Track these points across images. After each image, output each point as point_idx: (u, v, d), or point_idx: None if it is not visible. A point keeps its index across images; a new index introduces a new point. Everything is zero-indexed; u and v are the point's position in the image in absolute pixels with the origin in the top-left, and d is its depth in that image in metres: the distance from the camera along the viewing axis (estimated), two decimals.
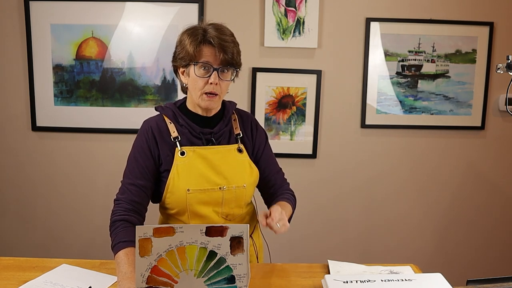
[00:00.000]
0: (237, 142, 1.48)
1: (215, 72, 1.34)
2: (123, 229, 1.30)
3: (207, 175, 1.40)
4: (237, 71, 1.40)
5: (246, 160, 1.47)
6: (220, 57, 1.33)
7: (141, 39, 2.44)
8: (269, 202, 1.59)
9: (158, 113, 1.48)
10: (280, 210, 1.34)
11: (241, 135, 1.49)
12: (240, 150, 1.47)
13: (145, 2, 2.41)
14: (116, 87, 2.48)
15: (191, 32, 1.37)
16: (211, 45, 1.33)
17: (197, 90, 1.36)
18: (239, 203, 1.46)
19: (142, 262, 1.03)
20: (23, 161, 2.55)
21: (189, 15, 2.41)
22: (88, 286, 1.25)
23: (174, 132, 1.41)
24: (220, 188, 1.41)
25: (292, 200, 1.56)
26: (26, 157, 2.55)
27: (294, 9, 2.43)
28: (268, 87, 2.49)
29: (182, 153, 1.40)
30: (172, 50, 1.43)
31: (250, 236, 1.57)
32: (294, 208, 1.55)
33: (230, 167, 1.43)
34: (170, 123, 1.43)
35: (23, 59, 2.46)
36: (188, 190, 1.38)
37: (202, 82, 1.35)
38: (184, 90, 1.48)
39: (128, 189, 1.37)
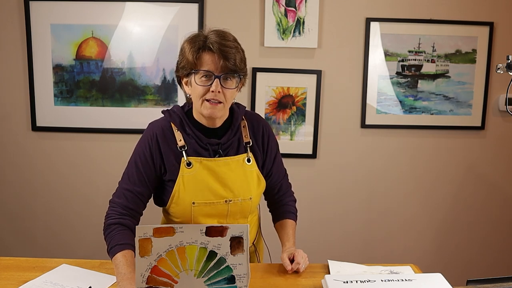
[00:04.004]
0: (246, 151, 1.43)
1: (216, 80, 1.27)
2: (118, 232, 1.29)
3: (213, 188, 1.36)
4: (241, 78, 1.34)
5: (255, 170, 1.43)
6: (221, 64, 1.27)
7: (141, 39, 2.44)
8: (272, 205, 1.60)
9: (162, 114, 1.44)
10: (302, 254, 1.37)
11: (251, 144, 1.44)
12: (248, 160, 1.42)
13: (145, 2, 2.41)
14: (116, 87, 2.48)
15: (191, 39, 1.32)
16: (211, 51, 1.28)
17: (199, 98, 1.30)
18: (245, 214, 1.44)
19: (142, 262, 1.03)
20: (23, 161, 2.55)
21: (189, 15, 2.41)
22: (88, 286, 1.25)
23: (180, 141, 1.36)
24: (226, 201, 1.38)
25: (295, 212, 1.57)
26: (26, 157, 2.55)
27: (294, 9, 2.43)
28: (268, 87, 2.49)
29: (189, 164, 1.35)
30: (172, 50, 1.42)
31: (253, 244, 1.57)
32: (296, 218, 1.57)
33: (237, 179, 1.38)
34: (177, 130, 1.38)
35: (23, 59, 2.46)
36: (194, 203, 1.35)
37: (204, 90, 1.29)
38: (189, 101, 1.42)
39: (124, 195, 1.35)
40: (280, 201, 1.57)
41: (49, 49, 2.44)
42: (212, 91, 1.28)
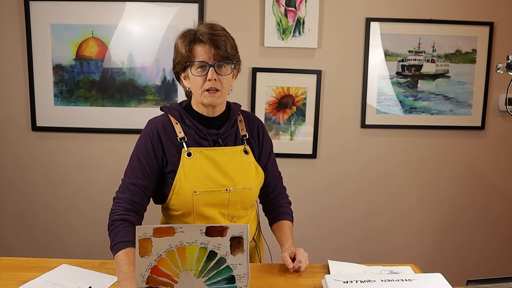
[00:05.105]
0: (243, 143, 1.47)
1: (211, 68, 1.33)
2: (122, 229, 1.30)
3: (213, 176, 1.39)
4: (234, 64, 1.39)
5: (252, 161, 1.47)
6: (213, 53, 1.33)
7: (141, 39, 2.44)
8: (268, 208, 1.61)
9: (162, 113, 1.47)
10: (303, 253, 1.38)
11: (247, 137, 1.48)
12: (246, 152, 1.46)
13: (145, 2, 2.41)
14: (116, 87, 2.48)
15: (182, 35, 1.38)
16: (202, 42, 1.34)
17: (198, 89, 1.36)
18: (245, 205, 1.45)
19: (142, 262, 1.03)
20: (23, 161, 2.55)
21: (189, 15, 2.41)
22: (88, 286, 1.25)
23: (180, 133, 1.40)
24: (226, 190, 1.40)
25: (291, 213, 1.59)
26: (26, 157, 2.55)
27: (294, 9, 2.43)
28: (268, 87, 2.49)
29: (189, 154, 1.39)
30: (172, 50, 1.43)
31: (253, 239, 1.57)
32: (292, 220, 1.58)
33: (236, 168, 1.42)
34: (176, 123, 1.42)
35: (23, 59, 2.46)
36: (195, 191, 1.37)
37: (201, 80, 1.35)
38: (189, 95, 1.47)
39: (128, 189, 1.36)
40: (275, 203, 1.58)
41: (49, 49, 2.44)
42: (209, 80, 1.33)
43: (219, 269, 1.04)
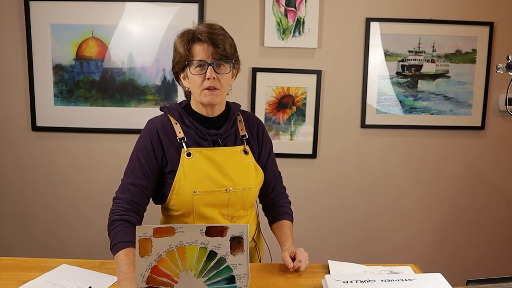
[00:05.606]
0: (242, 143, 1.47)
1: (210, 67, 1.33)
2: (122, 229, 1.30)
3: (213, 176, 1.39)
4: (233, 63, 1.39)
5: (252, 162, 1.47)
6: (211, 51, 1.33)
7: (141, 39, 2.44)
8: (268, 208, 1.61)
9: (161, 113, 1.47)
10: (303, 253, 1.38)
11: (247, 137, 1.48)
12: (246, 152, 1.46)
13: (145, 2, 2.41)
14: (116, 87, 2.48)
15: (181, 34, 1.38)
16: (201, 41, 1.34)
17: (197, 88, 1.36)
18: (245, 205, 1.45)
19: (142, 262, 1.03)
20: (23, 161, 2.55)
21: (189, 15, 2.41)
22: (88, 286, 1.25)
23: (180, 133, 1.40)
24: (226, 190, 1.40)
25: (291, 213, 1.59)
26: (26, 157, 2.55)
27: (294, 9, 2.43)
28: (268, 87, 2.49)
29: (189, 154, 1.38)
30: (172, 50, 1.43)
31: (253, 239, 1.58)
32: (292, 220, 1.59)
33: (236, 169, 1.42)
34: (176, 123, 1.42)
35: (23, 59, 2.46)
36: (195, 192, 1.37)
37: (200, 79, 1.35)
38: (188, 95, 1.47)
39: (128, 189, 1.36)
40: (275, 203, 1.59)
41: (49, 49, 2.44)
42: (208, 79, 1.34)
43: (219, 269, 1.04)
